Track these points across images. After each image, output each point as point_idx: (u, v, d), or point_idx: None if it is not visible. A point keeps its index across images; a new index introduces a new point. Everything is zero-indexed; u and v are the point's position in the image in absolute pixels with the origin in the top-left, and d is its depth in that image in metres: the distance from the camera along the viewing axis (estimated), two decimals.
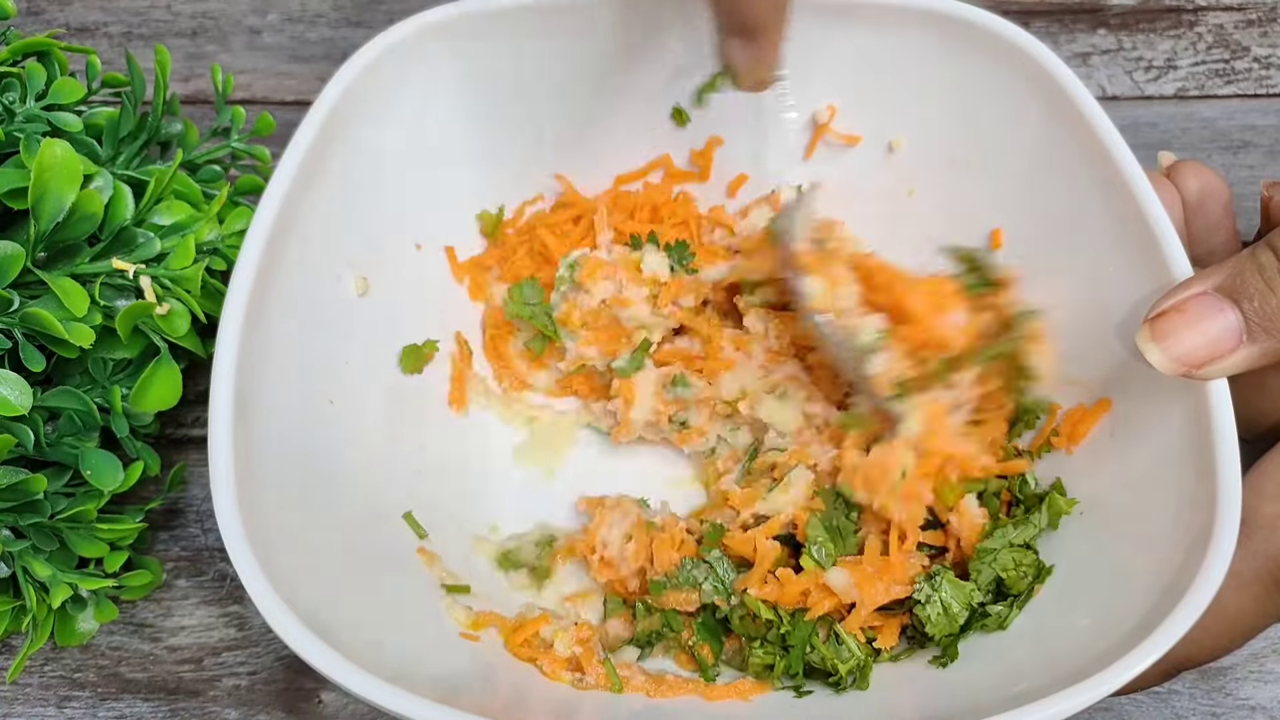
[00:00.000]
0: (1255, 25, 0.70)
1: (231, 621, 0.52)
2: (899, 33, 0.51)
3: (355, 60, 0.48)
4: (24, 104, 0.47)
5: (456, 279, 0.56)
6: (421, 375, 0.54)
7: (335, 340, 0.49)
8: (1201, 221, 0.51)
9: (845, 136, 0.55)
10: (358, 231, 0.51)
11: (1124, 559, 0.42)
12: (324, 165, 0.47)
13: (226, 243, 0.49)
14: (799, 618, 0.46)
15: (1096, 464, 0.46)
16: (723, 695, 0.45)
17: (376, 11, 0.71)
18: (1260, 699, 0.50)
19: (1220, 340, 0.39)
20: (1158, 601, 0.37)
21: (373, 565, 0.46)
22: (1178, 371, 0.40)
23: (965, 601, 0.45)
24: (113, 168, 0.49)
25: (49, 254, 0.45)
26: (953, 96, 0.52)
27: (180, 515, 0.54)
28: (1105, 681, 0.35)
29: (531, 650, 0.46)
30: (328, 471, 0.46)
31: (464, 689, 0.42)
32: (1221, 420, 0.40)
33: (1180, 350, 0.40)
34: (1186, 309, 0.40)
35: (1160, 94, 0.68)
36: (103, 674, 0.50)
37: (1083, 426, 0.47)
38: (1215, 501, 0.38)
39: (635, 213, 0.57)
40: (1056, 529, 0.46)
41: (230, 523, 0.38)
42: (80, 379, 0.47)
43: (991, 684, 0.41)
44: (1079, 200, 0.48)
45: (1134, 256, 0.45)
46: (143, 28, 0.71)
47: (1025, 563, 0.45)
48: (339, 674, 0.36)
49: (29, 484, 0.43)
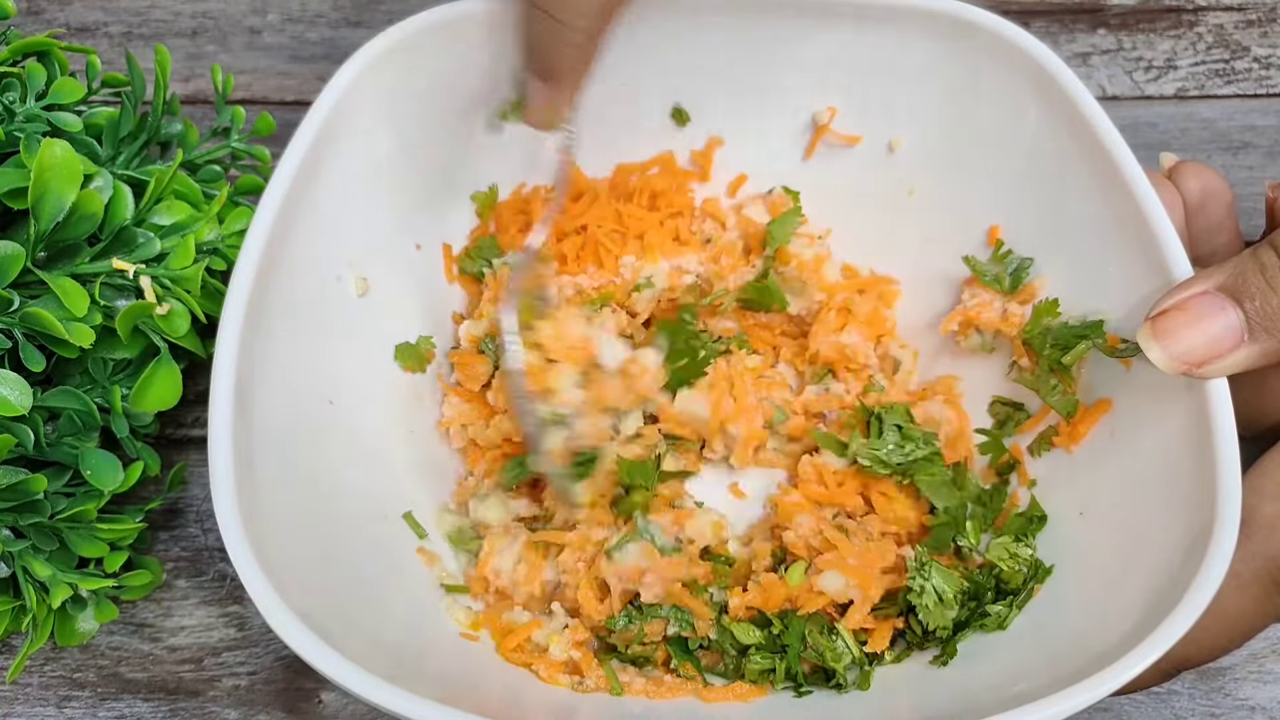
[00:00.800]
0: (1255, 25, 0.70)
1: (231, 621, 0.52)
2: (899, 32, 0.51)
3: (355, 60, 0.48)
4: (24, 104, 0.47)
5: (448, 278, 0.56)
6: (424, 374, 0.54)
7: (335, 340, 0.49)
8: (1203, 222, 0.51)
9: (845, 137, 0.55)
10: (358, 231, 0.51)
11: (1124, 559, 0.42)
12: (324, 165, 0.47)
13: (226, 243, 0.49)
14: (790, 617, 0.46)
15: (1096, 464, 0.46)
16: (721, 697, 0.45)
17: (376, 11, 0.71)
18: (1260, 699, 0.50)
19: (1221, 339, 0.39)
20: (1157, 601, 0.37)
21: (373, 565, 0.46)
22: (1178, 370, 0.40)
23: (957, 587, 0.45)
24: (113, 168, 0.49)
25: (49, 254, 0.45)
26: (953, 97, 0.52)
27: (180, 515, 0.54)
28: (1105, 681, 0.35)
29: (525, 655, 0.46)
30: (328, 471, 0.46)
31: (464, 689, 0.42)
32: (1221, 420, 0.40)
33: (1181, 349, 0.40)
34: (1188, 308, 0.40)
35: (1160, 94, 0.68)
36: (103, 674, 0.50)
37: (1083, 426, 0.47)
38: (1215, 501, 0.38)
39: (634, 196, 0.56)
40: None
41: (230, 523, 0.38)
42: (80, 379, 0.47)
43: (991, 684, 0.41)
44: (1079, 200, 0.48)
45: (1134, 256, 0.45)
46: (143, 28, 0.71)
47: (1021, 558, 0.45)
48: (339, 674, 0.36)
49: (29, 484, 0.43)
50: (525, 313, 0.48)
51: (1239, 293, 0.40)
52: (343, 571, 0.44)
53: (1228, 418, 0.40)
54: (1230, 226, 0.51)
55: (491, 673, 0.45)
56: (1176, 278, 0.42)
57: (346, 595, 0.42)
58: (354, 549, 0.45)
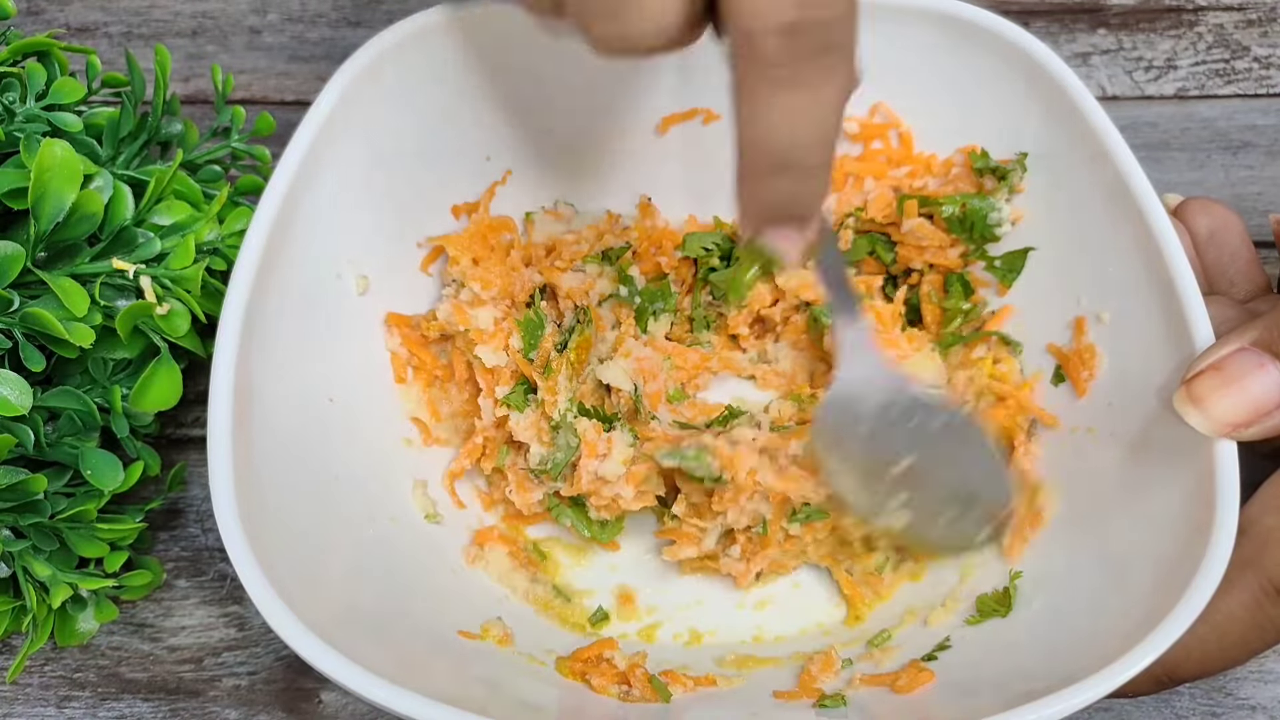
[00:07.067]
0: (1255, 25, 0.70)
1: (231, 621, 0.52)
2: (898, 32, 0.51)
3: (355, 60, 0.48)
4: (24, 104, 0.47)
5: (423, 270, 0.56)
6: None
7: (335, 338, 0.49)
8: (1215, 253, 0.50)
9: (845, 135, 0.56)
10: (358, 231, 0.51)
11: (1122, 562, 0.42)
12: (324, 165, 0.47)
13: (226, 243, 0.49)
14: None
15: (1095, 466, 0.46)
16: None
17: (376, 11, 0.71)
18: (1260, 699, 0.50)
19: (1264, 399, 0.38)
20: (1154, 605, 0.37)
21: (373, 564, 0.46)
22: (1222, 434, 0.38)
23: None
24: (113, 168, 0.49)
25: (49, 254, 0.45)
26: (952, 96, 0.52)
27: (180, 515, 0.54)
28: (1103, 681, 0.35)
29: (584, 666, 0.46)
30: (328, 470, 0.46)
31: (464, 687, 0.42)
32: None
33: (1220, 412, 0.38)
34: (1224, 367, 0.39)
35: (1160, 94, 0.68)
36: (103, 674, 0.51)
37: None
38: (1213, 507, 0.38)
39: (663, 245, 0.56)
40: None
41: (230, 523, 0.38)
42: (80, 379, 0.47)
43: (991, 684, 0.41)
44: (1078, 200, 0.48)
45: (1133, 255, 0.45)
46: (143, 28, 0.71)
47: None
48: (339, 674, 0.36)
49: (29, 484, 0.43)
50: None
51: (1276, 345, 0.38)
52: (343, 571, 0.44)
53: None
54: (1245, 255, 0.50)
55: (494, 672, 0.45)
56: (1175, 275, 0.42)
57: (346, 594, 0.42)
58: (354, 548, 0.45)
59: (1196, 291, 0.42)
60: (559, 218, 0.55)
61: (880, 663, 0.45)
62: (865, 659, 0.46)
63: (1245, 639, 0.40)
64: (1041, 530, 0.47)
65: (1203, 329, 0.42)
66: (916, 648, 0.45)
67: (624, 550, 0.52)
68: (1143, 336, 0.45)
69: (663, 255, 0.54)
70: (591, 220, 0.55)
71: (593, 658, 0.46)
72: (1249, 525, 0.39)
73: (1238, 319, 0.44)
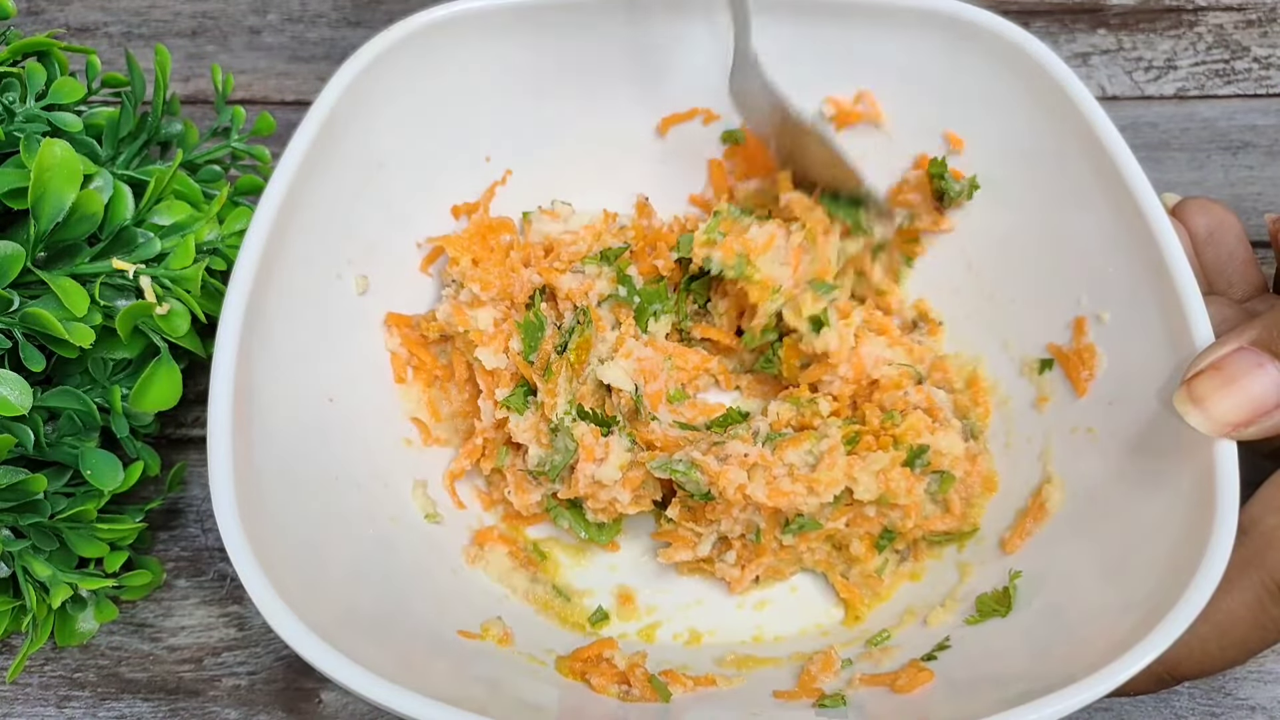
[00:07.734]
0: (1255, 25, 0.70)
1: (231, 621, 0.52)
2: (900, 33, 0.51)
3: (355, 60, 0.48)
4: (24, 104, 0.47)
5: (423, 271, 0.56)
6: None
7: (335, 338, 0.49)
8: (1213, 253, 0.50)
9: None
10: (358, 231, 0.51)
11: (1122, 561, 0.42)
12: (324, 165, 0.47)
13: (226, 243, 0.49)
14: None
15: (1095, 466, 0.46)
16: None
17: (376, 11, 0.72)
18: (1260, 699, 0.50)
19: (1263, 398, 0.38)
20: (1155, 604, 0.37)
21: (372, 564, 0.46)
22: (1222, 434, 0.39)
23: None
24: (113, 168, 0.49)
25: (49, 254, 0.45)
26: (953, 96, 0.52)
27: (180, 515, 0.54)
28: (1102, 681, 0.35)
29: (584, 666, 0.46)
30: (328, 470, 0.46)
31: (464, 687, 0.42)
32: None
33: (1220, 412, 0.38)
34: (1223, 367, 0.39)
35: (1160, 94, 0.68)
36: (103, 674, 0.51)
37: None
38: (1214, 506, 0.38)
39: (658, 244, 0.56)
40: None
41: (230, 523, 0.38)
42: (80, 379, 0.47)
43: (991, 683, 0.41)
44: (1079, 199, 0.48)
45: (1133, 253, 0.45)
46: (143, 28, 0.71)
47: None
48: (339, 673, 0.36)
49: (29, 484, 0.43)
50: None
51: (1275, 345, 0.38)
52: (343, 570, 0.44)
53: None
54: (1242, 254, 0.50)
55: (494, 672, 0.45)
56: (1174, 273, 0.42)
57: (346, 594, 0.42)
58: (354, 548, 0.45)
59: (1196, 291, 0.42)
60: (555, 217, 0.55)
61: (880, 663, 0.45)
62: (865, 659, 0.46)
63: (1246, 638, 0.40)
64: (1042, 529, 0.47)
65: (1202, 329, 0.42)
66: (916, 648, 0.45)
67: (624, 550, 0.52)
68: (1143, 336, 0.45)
69: (658, 258, 0.54)
70: (588, 220, 0.55)
71: (593, 657, 0.46)
72: (1250, 525, 0.39)
73: (1236, 319, 0.44)
